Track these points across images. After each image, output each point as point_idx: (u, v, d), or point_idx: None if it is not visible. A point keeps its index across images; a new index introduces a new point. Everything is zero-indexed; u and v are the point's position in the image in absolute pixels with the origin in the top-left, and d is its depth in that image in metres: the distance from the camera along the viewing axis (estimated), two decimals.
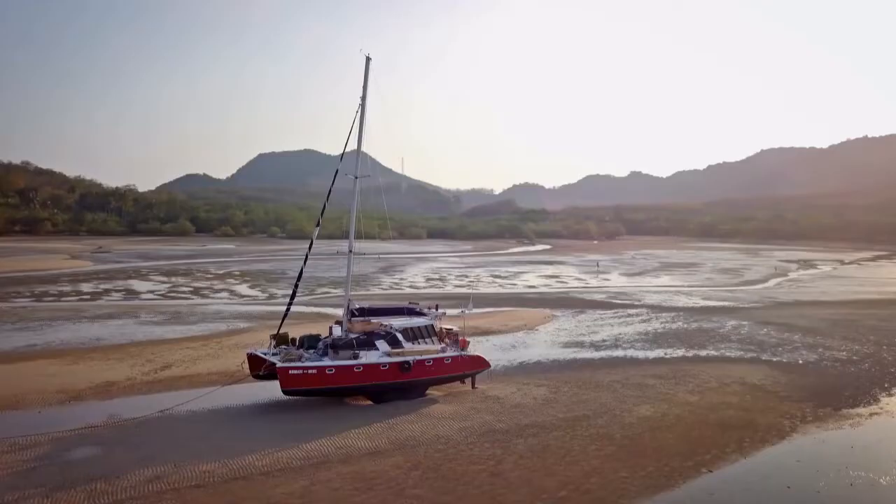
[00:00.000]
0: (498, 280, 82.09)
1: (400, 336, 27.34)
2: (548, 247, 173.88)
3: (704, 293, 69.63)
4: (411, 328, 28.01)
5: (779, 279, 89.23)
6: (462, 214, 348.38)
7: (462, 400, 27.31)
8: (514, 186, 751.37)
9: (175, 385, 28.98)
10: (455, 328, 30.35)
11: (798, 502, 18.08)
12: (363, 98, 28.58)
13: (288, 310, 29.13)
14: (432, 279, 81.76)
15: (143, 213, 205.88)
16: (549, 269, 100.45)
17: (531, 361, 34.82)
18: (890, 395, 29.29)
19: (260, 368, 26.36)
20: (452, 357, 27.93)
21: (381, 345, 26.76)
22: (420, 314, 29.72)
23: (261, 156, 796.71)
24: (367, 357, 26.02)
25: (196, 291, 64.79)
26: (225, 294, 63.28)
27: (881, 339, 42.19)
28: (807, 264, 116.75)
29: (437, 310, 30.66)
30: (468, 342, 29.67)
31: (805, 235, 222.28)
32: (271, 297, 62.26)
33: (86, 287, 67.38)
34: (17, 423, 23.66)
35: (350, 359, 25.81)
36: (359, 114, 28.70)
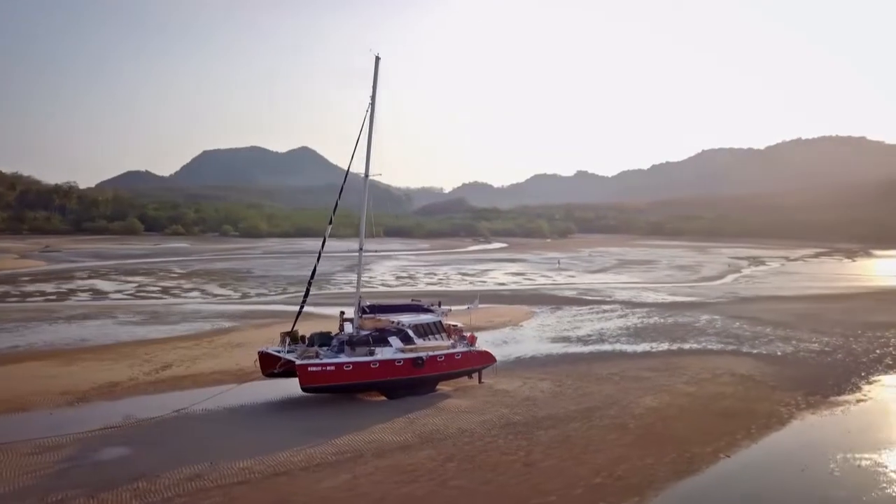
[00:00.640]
0: (467, 278, 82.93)
1: (411, 332, 27.76)
2: (504, 245, 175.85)
3: (669, 289, 71.86)
4: (421, 324, 28.45)
5: (734, 275, 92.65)
6: (414, 213, 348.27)
7: (473, 394, 27.89)
8: (464, 185, 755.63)
9: (180, 385, 28.70)
10: (460, 324, 30.90)
11: (816, 482, 19.27)
12: (372, 98, 28.80)
13: (301, 309, 29.24)
14: (402, 277, 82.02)
15: (89, 212, 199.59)
16: (513, 267, 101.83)
17: (526, 356, 35.60)
18: (869, 382, 31.14)
19: (274, 367, 26.38)
20: (462, 353, 28.51)
21: (394, 341, 27.13)
22: (427, 311, 30.17)
23: (205, 153, 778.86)
24: (382, 353, 26.36)
25: (166, 291, 63.55)
26: (196, 293, 62.25)
27: (846, 331, 44.54)
28: (756, 261, 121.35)
29: (439, 306, 31.20)
30: (476, 338, 30.30)
31: (748, 233, 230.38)
32: (244, 296, 61.56)
33: (48, 287, 65.31)
34: (31, 424, 23.16)
35: (366, 355, 26.11)
36: (368, 113, 28.77)
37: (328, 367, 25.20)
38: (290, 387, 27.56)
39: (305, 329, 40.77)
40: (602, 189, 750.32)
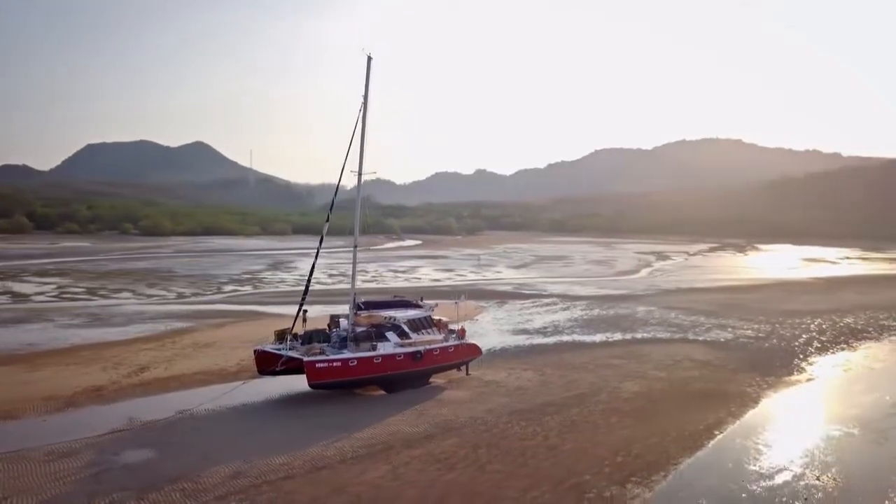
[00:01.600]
0: (400, 274, 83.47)
1: (406, 328, 28.36)
2: (419, 242, 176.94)
3: (595, 283, 75.36)
4: (414, 319, 29.10)
5: (648, 269, 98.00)
6: (319, 209, 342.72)
7: (466, 386, 28.85)
8: (366, 182, 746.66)
9: (168, 387, 28.02)
10: (445, 318, 31.73)
11: (815, 450, 21.55)
12: (365, 97, 29.12)
13: (300, 309, 29.13)
14: (334, 275, 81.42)
15: None
16: (439, 263, 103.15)
17: (497, 348, 36.83)
18: (809, 363, 34.48)
19: (274, 364, 26.33)
20: (454, 346, 29.41)
21: (391, 336, 27.66)
22: (416, 306, 30.82)
23: (90, 146, 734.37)
24: (383, 348, 26.85)
25: (92, 292, 60.39)
26: (127, 294, 59.57)
27: (769, 318, 48.63)
28: (661, 256, 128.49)
29: (421, 301, 32.00)
30: (465, 330, 31.28)
31: (645, 230, 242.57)
32: (180, 296, 59.51)
33: None
34: (30, 432, 22.17)
35: (369, 350, 26.52)
36: (361, 113, 29.06)
37: (334, 364, 25.47)
38: (289, 384, 27.67)
39: (266, 329, 40.61)
40: (501, 187, 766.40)
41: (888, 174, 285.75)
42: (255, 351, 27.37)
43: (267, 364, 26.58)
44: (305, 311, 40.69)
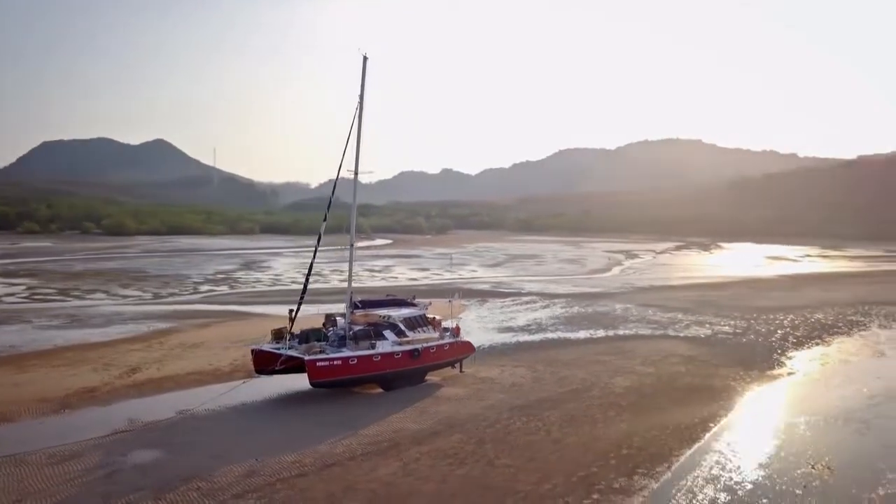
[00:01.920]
0: (376, 274, 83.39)
1: (402, 326, 28.60)
2: (389, 241, 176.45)
3: (570, 281, 76.40)
4: (410, 318, 29.35)
5: (619, 267, 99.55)
6: (285, 209, 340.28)
7: (462, 383, 29.18)
8: (331, 180, 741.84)
9: (163, 387, 27.84)
10: (438, 316, 32.02)
11: (805, 440, 22.42)
12: (361, 97, 29.26)
13: (298, 309, 29.16)
14: (316, 275, 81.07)
15: None
16: (413, 263, 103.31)
17: (486, 346, 37.16)
18: (787, 358, 35.62)
19: (273, 364, 26.36)
20: (450, 343, 29.74)
21: (389, 335, 27.87)
22: (411, 305, 31.08)
23: (46, 144, 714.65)
24: (382, 346, 27.05)
25: (64, 293, 59.24)
26: (101, 295, 58.54)
27: (744, 315, 49.99)
28: (629, 254, 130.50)
29: (413, 300, 32.33)
30: (460, 329, 31.64)
31: (611, 229, 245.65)
32: (156, 296, 58.69)
33: None
34: (28, 434, 21.92)
35: (368, 349, 26.69)
36: (357, 112, 29.19)
37: (335, 362, 25.59)
38: (287, 383, 27.72)
39: (252, 328, 40.55)
40: (467, 186, 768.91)
41: (843, 175, 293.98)
42: (252, 350, 27.34)
43: (265, 363, 26.58)
44: (292, 311, 40.75)
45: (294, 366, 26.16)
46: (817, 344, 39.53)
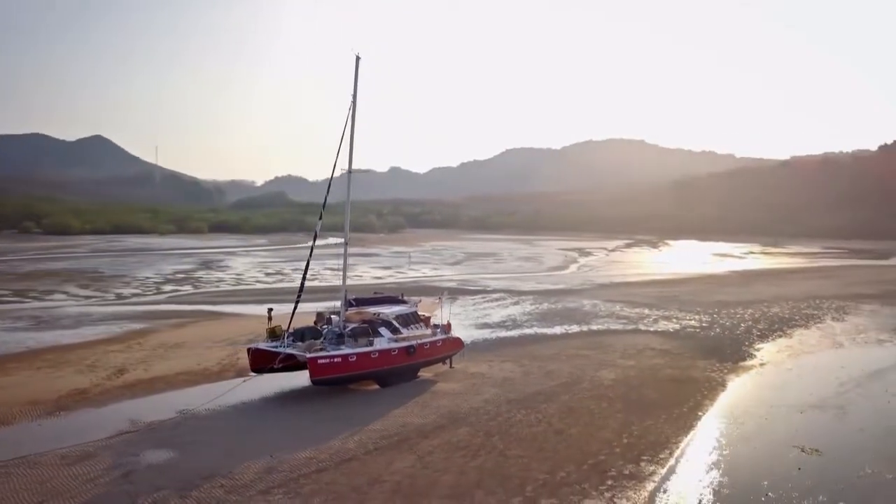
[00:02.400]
0: (339, 272, 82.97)
1: (396, 323, 28.99)
2: (342, 240, 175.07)
3: (532, 279, 77.73)
4: (403, 315, 29.75)
5: (576, 265, 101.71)
6: (231, 207, 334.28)
7: (454, 378, 29.72)
8: (278, 178, 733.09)
9: (155, 388, 27.46)
10: (427, 314, 32.50)
11: (789, 426, 23.78)
12: (354, 96, 29.48)
13: (296, 308, 29.25)
14: (271, 273, 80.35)
15: None
16: (374, 261, 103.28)
17: (468, 342, 37.41)
18: (756, 349, 37.32)
19: (271, 362, 26.39)
20: (442, 339, 30.27)
21: (384, 332, 28.22)
22: (402, 302, 31.50)
23: None
24: (379, 343, 27.39)
25: (21, 294, 57.25)
26: (61, 295, 56.83)
27: (706, 309, 51.95)
28: (583, 252, 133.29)
29: (401, 297, 32.84)
30: (451, 325, 32.19)
31: (561, 227, 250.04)
32: (120, 297, 57.34)
33: None
34: (28, 437, 21.42)
35: (366, 346, 27.00)
36: (350, 111, 29.42)
37: (335, 359, 25.80)
38: (283, 382, 27.81)
39: (229, 328, 40.31)
40: (415, 185, 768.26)
41: (779, 175, 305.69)
42: (249, 349, 27.32)
43: (263, 362, 26.60)
44: (271, 310, 40.60)
45: (293, 364, 26.27)
46: (780, 336, 41.50)
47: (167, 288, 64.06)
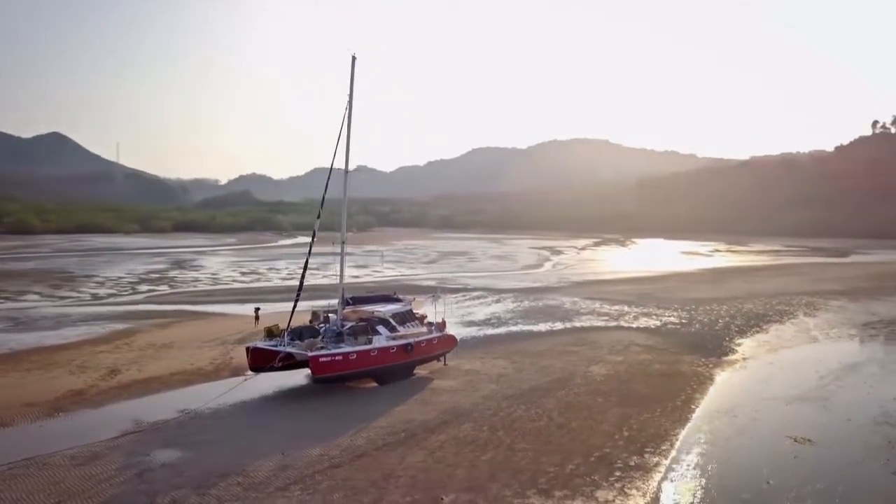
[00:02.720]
0: (316, 272, 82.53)
1: (393, 321, 29.25)
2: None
3: (510, 277, 78.52)
4: (399, 313, 30.02)
5: (549, 263, 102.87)
6: (197, 206, 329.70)
7: (450, 375, 30.03)
8: (242, 177, 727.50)
9: (151, 388, 27.31)
10: (422, 311, 32.80)
11: (779, 417, 24.67)
12: (350, 96, 29.67)
13: (296, 305, 29.26)
14: (246, 273, 79.65)
15: None
16: (348, 260, 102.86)
17: (458, 340, 38.14)
18: (736, 345, 38.33)
19: (271, 361, 26.42)
20: (437, 337, 30.61)
21: (382, 330, 28.46)
22: (397, 300, 31.75)
23: None
24: (378, 341, 27.62)
25: None
26: (34, 296, 55.74)
27: (683, 306, 53.12)
28: (554, 251, 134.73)
29: (394, 294, 33.16)
30: (446, 323, 32.52)
31: (529, 226, 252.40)
32: (96, 297, 56.47)
33: None
34: (32, 438, 21.30)
35: (365, 344, 27.21)
36: (347, 112, 29.58)
37: (336, 358, 25.98)
38: (279, 380, 27.87)
39: (216, 328, 40.15)
40: (382, 183, 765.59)
41: (740, 174, 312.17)
42: (248, 348, 27.29)
43: (263, 361, 26.61)
44: (258, 309, 40.62)
45: (292, 363, 26.35)
46: (757, 332, 42.71)
47: (143, 288, 63.25)
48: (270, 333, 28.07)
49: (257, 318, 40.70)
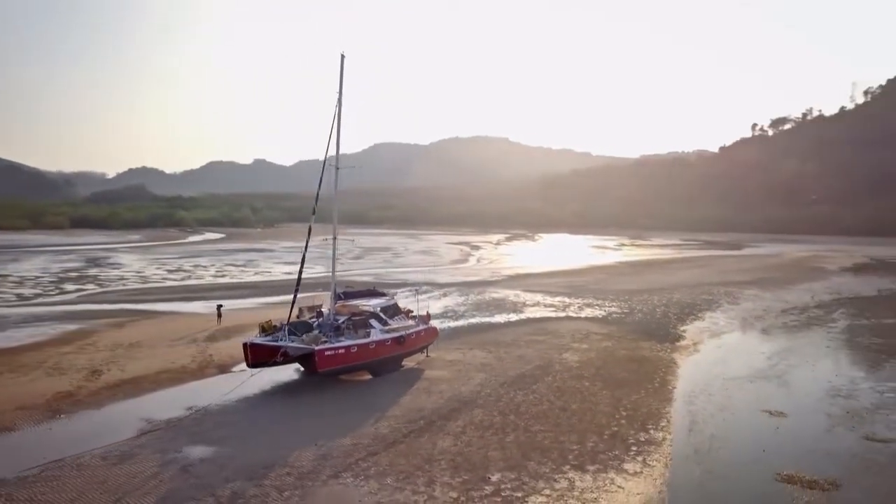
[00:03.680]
0: (246, 269, 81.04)
1: (383, 315, 29.96)
2: (223, 235, 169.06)
3: (444, 272, 79.93)
4: (387, 307, 30.74)
5: (474, 258, 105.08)
6: (88, 200, 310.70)
7: (438, 366, 30.96)
8: (132, 170, 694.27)
9: (143, 388, 26.74)
10: (406, 306, 33.60)
11: (746, 393, 27.28)
12: (339, 94, 30.05)
13: (294, 304, 29.37)
14: (172, 270, 76.92)
15: None
16: (273, 256, 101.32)
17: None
18: (681, 332, 41.17)
19: (272, 356, 26.56)
20: (424, 329, 31.54)
21: (375, 323, 29.12)
22: (382, 294, 32.44)
23: None
24: (375, 334, 28.27)
25: None
26: None
27: (618, 297, 56.27)
28: (473, 246, 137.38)
29: (373, 289, 33.91)
30: (430, 315, 33.42)
31: (440, 222, 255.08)
32: (22, 297, 53.28)
33: None
34: (44, 441, 20.69)
35: (364, 337, 27.79)
36: (337, 109, 29.97)
37: (340, 351, 26.46)
38: (275, 375, 28.06)
39: (172, 326, 39.42)
40: (282, 178, 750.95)
41: (635, 172, 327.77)
42: (246, 345, 27.19)
43: (264, 356, 26.67)
44: (220, 307, 40.20)
45: (293, 357, 26.60)
46: (695, 319, 46.09)
47: (70, 288, 60.11)
48: (266, 329, 28.11)
49: (220, 315, 40.10)
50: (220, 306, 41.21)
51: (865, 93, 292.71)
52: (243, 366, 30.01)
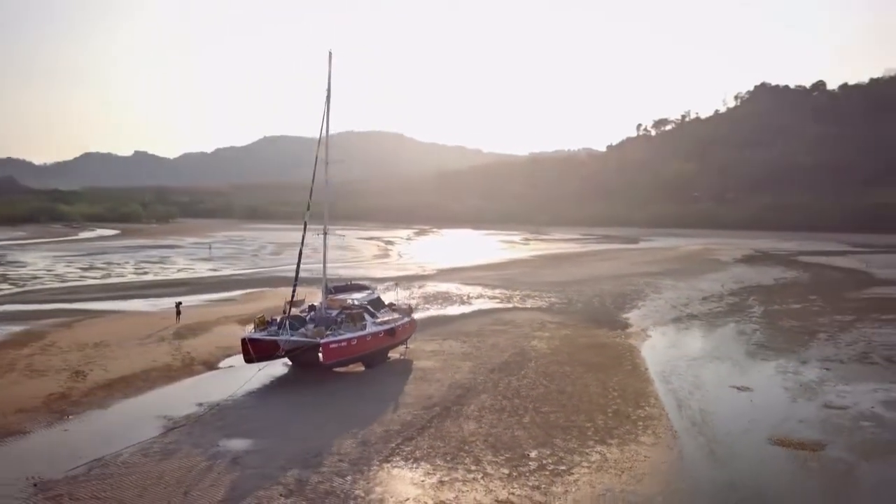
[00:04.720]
0: (165, 266, 77.93)
1: (371, 308, 30.69)
2: (116, 232, 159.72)
3: (375, 267, 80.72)
4: (374, 300, 31.46)
5: (395, 253, 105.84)
6: None
7: (422, 357, 31.85)
8: None
9: (139, 387, 26.24)
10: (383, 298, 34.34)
11: (712, 369, 30.16)
12: (328, 90, 30.41)
13: (292, 300, 29.41)
14: (85, 268, 72.77)
15: None
16: (185, 253, 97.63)
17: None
18: (626, 319, 44.08)
19: (273, 351, 26.82)
20: (409, 321, 32.47)
21: (367, 316, 29.80)
22: (365, 288, 33.08)
23: None
24: (370, 327, 28.97)
25: None
26: None
27: (552, 288, 58.94)
28: (386, 241, 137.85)
29: (356, 284, 34.71)
30: (412, 308, 34.30)
31: (341, 217, 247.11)
32: None
33: None
34: (71, 440, 20.38)
35: (360, 329, 28.43)
36: (327, 105, 30.33)
37: (342, 343, 27.01)
38: (272, 369, 28.25)
39: (127, 324, 38.47)
40: (164, 170, 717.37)
41: (529, 169, 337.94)
42: (245, 340, 27.21)
43: (265, 351, 26.84)
44: (179, 304, 39.53)
45: (297, 351, 26.91)
46: (631, 308, 49.30)
47: (9, 287, 56.02)
48: (263, 324, 28.20)
49: (179, 313, 39.16)
50: (178, 304, 40.21)
51: (735, 97, 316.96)
52: (231, 362, 30.18)
